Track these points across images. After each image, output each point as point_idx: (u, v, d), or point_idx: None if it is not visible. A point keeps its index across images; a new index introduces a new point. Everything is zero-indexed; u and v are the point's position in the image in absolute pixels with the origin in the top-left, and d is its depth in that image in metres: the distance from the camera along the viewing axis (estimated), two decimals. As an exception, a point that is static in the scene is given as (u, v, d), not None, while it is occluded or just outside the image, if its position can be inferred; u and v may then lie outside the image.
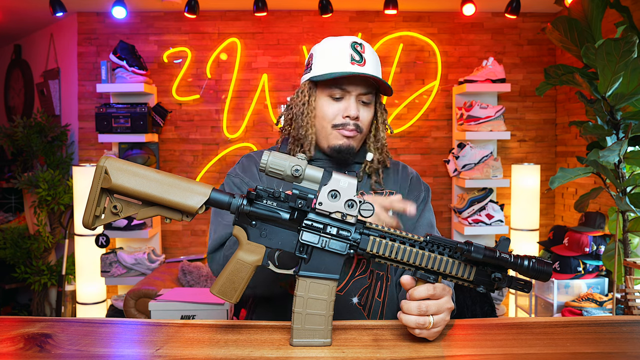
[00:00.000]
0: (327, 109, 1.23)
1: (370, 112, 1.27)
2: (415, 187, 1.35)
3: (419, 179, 1.40)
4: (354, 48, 1.22)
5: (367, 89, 1.24)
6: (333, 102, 1.23)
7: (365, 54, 1.23)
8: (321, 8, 3.37)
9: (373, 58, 1.25)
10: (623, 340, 0.94)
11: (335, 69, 1.21)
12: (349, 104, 1.22)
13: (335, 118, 1.23)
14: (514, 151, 3.86)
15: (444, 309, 0.91)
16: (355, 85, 1.22)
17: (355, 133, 1.23)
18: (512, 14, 3.36)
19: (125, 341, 0.94)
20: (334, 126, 1.23)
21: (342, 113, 1.22)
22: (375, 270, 1.24)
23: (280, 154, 0.91)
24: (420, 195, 1.34)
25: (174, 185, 0.91)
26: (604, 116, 2.27)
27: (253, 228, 0.94)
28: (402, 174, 1.37)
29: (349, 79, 1.21)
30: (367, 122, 1.26)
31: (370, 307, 1.22)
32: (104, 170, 0.90)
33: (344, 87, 1.22)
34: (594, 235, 2.99)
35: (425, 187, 1.38)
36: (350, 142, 1.23)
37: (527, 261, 0.87)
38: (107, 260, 3.28)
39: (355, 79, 1.21)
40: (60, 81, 4.03)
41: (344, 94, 1.22)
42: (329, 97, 1.23)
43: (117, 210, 0.92)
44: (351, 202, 0.91)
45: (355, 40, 1.24)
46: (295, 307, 0.92)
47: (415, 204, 1.30)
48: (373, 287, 1.23)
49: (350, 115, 1.21)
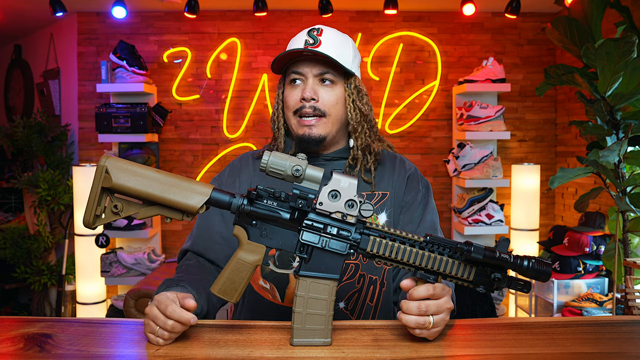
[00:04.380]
0: (288, 95, 1.22)
1: (333, 92, 1.20)
2: (412, 185, 1.28)
3: (418, 174, 1.31)
4: (310, 34, 1.20)
5: (324, 69, 1.19)
6: (293, 88, 1.21)
7: (321, 37, 1.19)
8: (321, 8, 3.37)
9: (332, 39, 1.21)
10: (623, 340, 0.94)
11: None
12: (305, 86, 1.19)
13: (294, 103, 1.20)
14: (514, 151, 3.86)
15: (444, 309, 0.91)
16: (310, 67, 1.19)
17: (316, 119, 1.19)
18: (512, 14, 3.36)
19: (125, 341, 0.94)
20: (295, 112, 1.20)
21: (300, 96, 1.19)
22: (368, 275, 1.21)
23: (281, 154, 0.91)
24: (418, 195, 1.27)
25: (175, 185, 0.91)
26: (603, 116, 2.27)
27: (253, 228, 0.94)
28: (398, 170, 1.29)
29: (303, 62, 1.19)
30: (329, 103, 1.19)
31: (360, 312, 1.21)
32: (104, 169, 0.90)
33: (298, 71, 1.20)
34: (594, 235, 2.99)
35: (425, 184, 1.30)
36: (312, 130, 1.19)
37: (526, 261, 0.87)
38: (107, 260, 3.28)
39: (309, 60, 1.19)
40: (60, 81, 4.03)
41: (300, 77, 1.20)
42: (289, 85, 1.22)
43: (117, 209, 0.92)
44: (351, 202, 0.91)
45: (314, 27, 1.22)
46: (296, 307, 0.92)
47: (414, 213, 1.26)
48: (364, 292, 1.21)
49: (305, 97, 1.17)
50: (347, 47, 1.23)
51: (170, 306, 0.90)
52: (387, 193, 1.25)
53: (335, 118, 1.21)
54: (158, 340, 0.91)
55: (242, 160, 1.31)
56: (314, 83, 1.19)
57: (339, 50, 1.20)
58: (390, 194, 1.25)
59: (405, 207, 1.26)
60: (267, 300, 1.21)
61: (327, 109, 1.19)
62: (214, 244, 1.22)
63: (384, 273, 1.23)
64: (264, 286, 1.21)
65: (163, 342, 0.91)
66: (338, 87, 1.21)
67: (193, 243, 1.24)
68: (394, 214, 1.24)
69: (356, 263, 1.20)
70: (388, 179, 1.27)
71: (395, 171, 1.29)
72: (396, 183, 1.27)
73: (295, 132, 1.22)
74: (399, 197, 1.26)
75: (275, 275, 1.21)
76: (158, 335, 0.91)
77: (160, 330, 0.90)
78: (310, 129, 1.19)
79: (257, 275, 1.23)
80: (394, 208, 1.24)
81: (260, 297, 1.22)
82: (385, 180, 1.27)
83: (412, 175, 1.29)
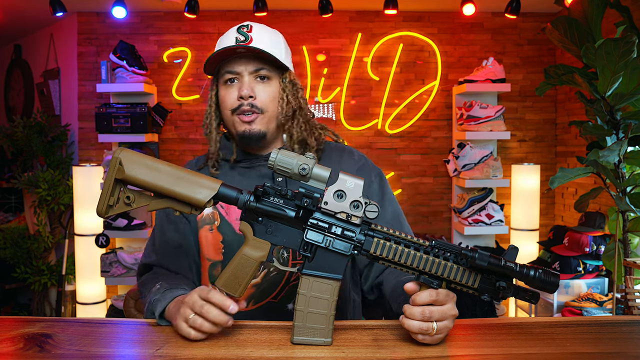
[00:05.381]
0: (224, 95, 1.21)
1: (270, 88, 1.20)
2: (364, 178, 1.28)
3: (368, 165, 1.28)
4: (240, 31, 1.19)
5: (259, 65, 1.18)
6: (228, 87, 1.20)
7: (251, 33, 1.19)
8: (321, 8, 3.37)
9: (263, 35, 1.20)
10: (623, 340, 0.94)
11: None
12: (241, 84, 1.18)
13: (232, 103, 1.19)
14: (514, 151, 3.86)
15: (448, 316, 0.89)
16: (244, 64, 1.18)
17: (254, 115, 1.18)
18: (512, 14, 3.36)
19: (125, 341, 0.94)
20: (233, 111, 1.19)
21: (237, 95, 1.18)
22: None
23: (289, 152, 0.91)
24: (370, 187, 1.24)
25: (184, 179, 0.93)
26: (603, 116, 2.26)
27: (259, 224, 0.94)
28: (345, 162, 1.26)
29: (236, 60, 1.18)
30: (267, 99, 1.19)
31: None
32: (118, 161, 0.92)
33: (232, 69, 1.19)
34: (594, 235, 2.99)
35: (377, 174, 1.27)
36: (253, 126, 1.18)
37: (533, 271, 0.85)
38: (107, 260, 3.28)
39: (243, 57, 1.18)
40: (60, 81, 4.02)
41: (235, 76, 1.19)
42: (224, 85, 1.21)
43: (129, 200, 0.95)
44: (357, 203, 0.91)
45: (242, 24, 1.21)
46: (298, 305, 0.92)
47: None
48: None
49: (243, 95, 1.17)
50: (279, 41, 1.23)
51: (212, 292, 0.92)
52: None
53: (272, 114, 1.21)
54: (190, 331, 0.91)
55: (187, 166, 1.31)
56: (250, 80, 1.19)
57: (272, 45, 1.20)
58: None
59: None
60: None
61: (264, 105, 1.19)
62: (174, 257, 1.23)
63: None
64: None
65: (195, 333, 0.91)
66: (274, 83, 1.21)
67: (153, 257, 1.24)
68: None
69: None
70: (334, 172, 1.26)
71: (341, 164, 1.26)
72: None
73: (236, 130, 1.21)
74: None
75: None
76: (190, 324, 0.91)
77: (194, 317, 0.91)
78: (250, 125, 1.19)
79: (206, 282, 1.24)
80: None
81: None
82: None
83: (362, 166, 1.27)
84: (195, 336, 0.92)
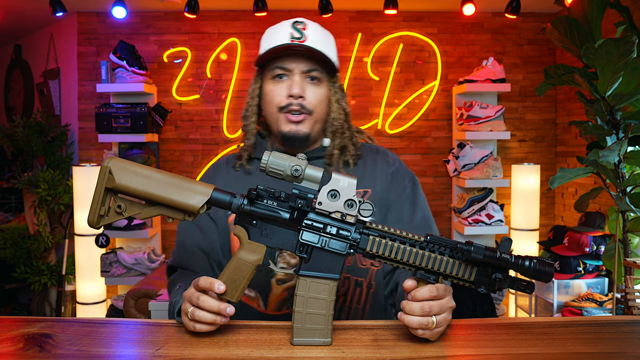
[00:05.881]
0: (271, 90, 1.17)
1: (319, 90, 1.18)
2: (398, 182, 1.23)
3: (402, 168, 1.26)
4: (295, 27, 1.16)
5: (312, 65, 1.16)
6: (277, 83, 1.17)
7: (306, 31, 1.16)
8: (321, 8, 3.37)
9: (318, 34, 1.17)
10: (623, 340, 0.94)
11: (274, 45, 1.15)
12: (292, 82, 1.15)
13: (280, 100, 1.16)
14: (514, 151, 3.86)
15: (446, 308, 0.90)
16: (297, 62, 1.15)
17: (303, 116, 1.16)
18: (512, 14, 3.36)
19: (125, 341, 0.94)
20: (280, 109, 1.16)
21: (287, 92, 1.15)
22: (353, 278, 1.18)
23: (281, 154, 0.91)
24: (404, 193, 1.23)
25: (176, 185, 0.91)
26: (603, 116, 2.26)
27: (254, 227, 0.94)
28: (380, 165, 1.25)
29: (290, 57, 1.15)
30: (315, 101, 1.17)
31: (347, 316, 1.18)
32: (108, 170, 0.91)
33: (284, 66, 1.16)
34: (594, 235, 2.99)
35: (410, 178, 1.26)
36: (299, 127, 1.16)
37: (528, 261, 0.86)
38: (107, 260, 3.28)
39: (296, 55, 1.15)
40: (60, 81, 4.02)
41: (286, 72, 1.16)
42: (273, 79, 1.18)
43: (121, 209, 0.93)
44: (351, 202, 0.91)
45: (297, 20, 1.18)
46: (296, 307, 0.92)
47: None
48: (350, 296, 1.18)
49: (294, 94, 1.14)
50: (332, 43, 1.21)
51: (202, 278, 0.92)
52: (369, 190, 1.21)
53: (318, 116, 1.19)
54: (193, 325, 0.92)
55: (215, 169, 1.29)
56: (301, 79, 1.16)
57: (325, 47, 1.17)
58: (372, 192, 1.21)
59: (393, 206, 1.21)
60: (254, 309, 1.19)
61: (313, 107, 1.17)
62: (195, 258, 1.22)
63: (370, 275, 1.19)
64: (249, 295, 1.20)
65: (199, 326, 0.92)
66: (323, 85, 1.19)
67: (176, 260, 1.25)
68: (379, 213, 1.20)
69: None
70: (370, 176, 1.23)
71: (377, 166, 1.25)
72: (378, 180, 1.23)
73: (279, 129, 1.18)
74: (383, 195, 1.21)
75: (258, 284, 1.19)
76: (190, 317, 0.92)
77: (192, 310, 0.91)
78: (297, 126, 1.16)
79: None
80: (379, 207, 1.20)
81: (247, 306, 1.20)
82: (366, 176, 1.23)
83: (397, 170, 1.25)
84: (200, 328, 0.92)
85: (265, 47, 1.18)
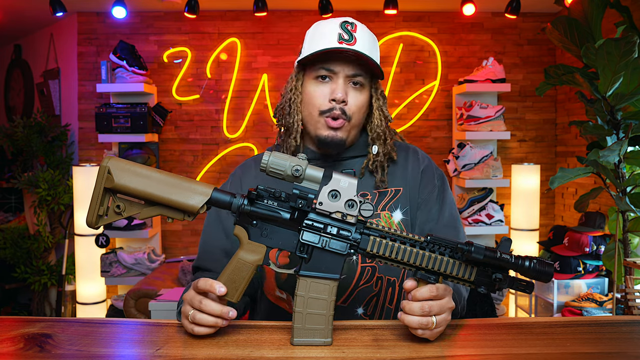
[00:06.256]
0: (313, 92, 1.14)
1: (361, 96, 1.15)
2: (428, 180, 1.22)
3: (432, 167, 1.25)
4: (344, 27, 1.12)
5: (357, 70, 1.13)
6: (320, 84, 1.14)
7: (356, 33, 1.12)
8: (321, 8, 3.37)
9: (366, 38, 1.13)
10: (623, 340, 0.94)
11: (322, 47, 1.11)
12: (336, 86, 1.12)
13: (322, 103, 1.13)
14: (514, 151, 3.86)
15: (446, 309, 0.91)
16: (342, 65, 1.12)
17: (342, 122, 1.13)
18: (512, 14, 3.36)
19: (125, 341, 0.94)
20: (321, 113, 1.13)
21: (329, 96, 1.12)
22: (385, 277, 1.16)
23: (281, 154, 0.91)
24: (434, 191, 1.21)
25: (176, 185, 0.91)
26: (604, 116, 2.26)
27: (254, 228, 0.94)
28: (412, 164, 1.23)
29: (336, 59, 1.12)
30: (357, 108, 1.14)
31: (380, 316, 1.17)
32: (106, 170, 0.90)
33: (330, 68, 1.12)
34: (594, 235, 2.99)
35: (439, 177, 1.24)
36: (337, 133, 1.13)
37: (528, 262, 0.86)
38: (107, 260, 3.28)
39: (343, 58, 1.11)
40: (60, 81, 4.03)
41: (331, 74, 1.13)
42: (315, 80, 1.14)
43: (120, 209, 0.93)
44: (351, 202, 0.91)
45: (346, 20, 1.14)
46: (296, 307, 0.92)
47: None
48: (383, 295, 1.16)
49: (337, 98, 1.11)
50: (377, 47, 1.18)
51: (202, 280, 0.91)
52: (400, 189, 1.20)
53: (356, 122, 1.16)
54: (192, 327, 0.91)
55: (243, 167, 1.28)
56: (344, 83, 1.13)
57: (373, 52, 1.14)
58: (403, 190, 1.20)
59: (422, 204, 1.20)
60: (284, 311, 1.18)
61: (352, 113, 1.14)
62: (216, 262, 1.20)
63: (403, 274, 1.18)
64: (281, 296, 1.18)
65: (198, 328, 0.91)
66: (365, 91, 1.17)
67: (199, 261, 1.24)
68: (411, 211, 1.19)
69: (372, 266, 1.15)
70: (401, 174, 1.22)
71: (408, 165, 1.23)
72: (410, 178, 1.21)
73: (317, 132, 1.15)
74: (414, 194, 1.20)
75: (290, 284, 1.17)
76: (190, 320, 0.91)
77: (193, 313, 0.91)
78: (335, 132, 1.13)
79: (272, 286, 1.19)
80: (410, 205, 1.19)
81: (278, 307, 1.19)
82: (398, 176, 1.22)
83: (427, 168, 1.24)
84: (199, 331, 0.91)
85: (312, 47, 1.14)
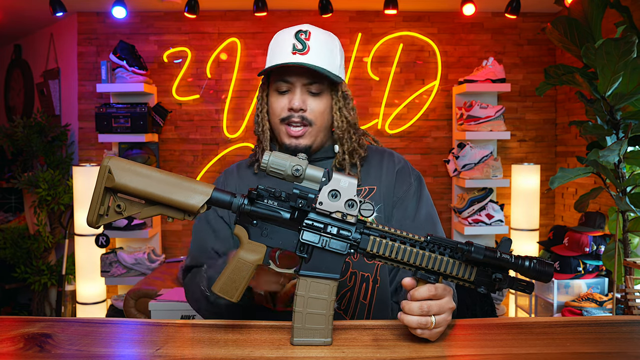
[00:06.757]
0: (274, 102, 1.20)
1: (321, 102, 1.19)
2: (404, 179, 1.25)
3: (408, 167, 1.29)
4: (298, 37, 1.16)
5: (312, 79, 1.17)
6: (280, 96, 1.19)
7: (310, 42, 1.16)
8: (321, 8, 3.37)
9: (320, 45, 1.17)
10: (623, 340, 0.94)
11: (277, 60, 1.16)
12: (293, 96, 1.17)
13: (282, 112, 1.18)
14: (514, 151, 3.86)
15: (446, 309, 0.91)
16: (298, 76, 1.16)
17: (303, 129, 1.17)
18: (512, 14, 3.36)
19: (125, 341, 0.94)
20: (282, 121, 1.18)
21: (287, 106, 1.17)
22: (360, 272, 1.19)
23: (281, 154, 0.91)
24: (410, 189, 1.24)
25: (176, 185, 0.91)
26: (603, 116, 2.27)
27: (254, 227, 0.94)
28: (386, 165, 1.27)
29: (292, 70, 1.15)
30: (318, 113, 1.18)
31: (354, 311, 1.19)
32: (107, 169, 0.90)
33: (287, 79, 1.17)
34: (594, 235, 2.99)
35: (416, 177, 1.28)
36: (300, 141, 1.18)
37: (528, 262, 0.86)
38: (107, 260, 3.28)
39: (298, 68, 1.15)
40: (60, 81, 4.02)
41: (289, 86, 1.17)
42: (276, 91, 1.19)
43: (120, 209, 0.93)
44: (351, 202, 0.91)
45: (301, 29, 1.17)
46: (296, 307, 0.92)
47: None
48: (357, 290, 1.19)
49: (294, 107, 1.15)
50: (335, 50, 1.21)
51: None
52: (375, 188, 1.23)
53: (320, 126, 1.20)
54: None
55: (226, 174, 1.31)
56: (302, 92, 1.17)
57: (328, 56, 1.18)
58: (377, 189, 1.23)
59: (398, 203, 1.23)
60: (262, 307, 1.20)
61: (314, 117, 1.18)
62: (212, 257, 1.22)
63: (376, 270, 1.20)
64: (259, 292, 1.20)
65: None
66: (325, 96, 1.20)
67: (192, 260, 1.25)
68: (385, 209, 1.22)
69: (346, 261, 1.18)
70: (375, 174, 1.25)
71: (383, 166, 1.27)
72: (384, 178, 1.25)
73: (282, 140, 1.20)
74: (389, 192, 1.23)
75: None
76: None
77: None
78: (297, 140, 1.18)
79: None
80: (384, 203, 1.22)
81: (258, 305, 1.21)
82: (372, 175, 1.25)
83: (402, 168, 1.27)
84: None
85: (271, 60, 1.19)
